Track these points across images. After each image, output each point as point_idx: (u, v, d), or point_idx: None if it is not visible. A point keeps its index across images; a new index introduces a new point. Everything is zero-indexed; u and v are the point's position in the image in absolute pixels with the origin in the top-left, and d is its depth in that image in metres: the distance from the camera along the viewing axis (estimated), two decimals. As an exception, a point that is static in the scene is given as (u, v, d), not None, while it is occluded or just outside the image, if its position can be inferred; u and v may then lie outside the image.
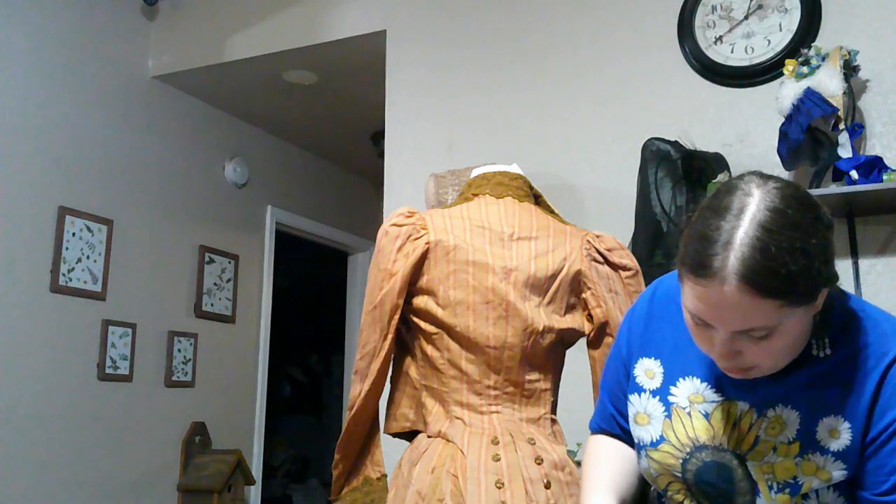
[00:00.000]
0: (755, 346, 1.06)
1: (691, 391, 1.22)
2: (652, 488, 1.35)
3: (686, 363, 1.24)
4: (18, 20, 3.39)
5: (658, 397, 1.26)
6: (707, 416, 1.20)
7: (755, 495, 1.14)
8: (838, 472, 1.12)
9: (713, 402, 1.20)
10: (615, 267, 1.71)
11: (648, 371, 1.29)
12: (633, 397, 1.30)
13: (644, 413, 1.27)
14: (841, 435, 1.11)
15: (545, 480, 1.55)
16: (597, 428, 1.44)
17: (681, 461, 1.21)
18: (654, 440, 1.24)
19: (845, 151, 2.38)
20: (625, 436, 1.38)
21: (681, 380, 1.24)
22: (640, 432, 1.27)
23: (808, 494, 1.13)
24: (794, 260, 1.01)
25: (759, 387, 1.16)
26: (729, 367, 1.12)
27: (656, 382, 1.27)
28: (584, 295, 1.70)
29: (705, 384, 1.22)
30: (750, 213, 1.03)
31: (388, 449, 1.78)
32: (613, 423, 1.39)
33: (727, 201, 1.05)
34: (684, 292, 1.09)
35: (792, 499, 1.12)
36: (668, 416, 1.24)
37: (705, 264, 1.02)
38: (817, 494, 1.13)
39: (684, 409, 1.22)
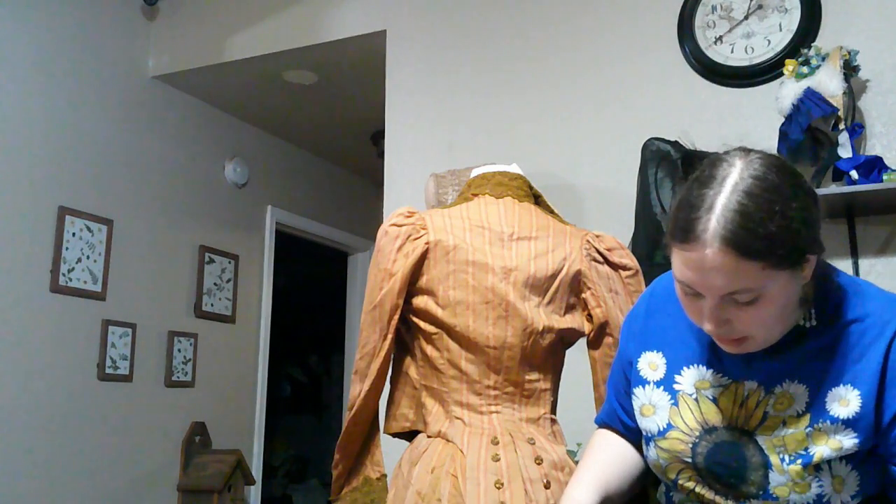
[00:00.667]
0: (743, 312, 1.09)
1: (696, 378, 1.24)
2: (659, 489, 1.35)
3: (689, 352, 1.27)
4: (19, 20, 3.39)
5: (662, 387, 1.28)
6: (715, 399, 1.21)
7: (767, 469, 1.15)
8: (849, 441, 1.12)
9: (720, 385, 1.22)
10: (615, 267, 1.71)
11: (651, 364, 1.31)
12: (637, 390, 1.32)
13: (649, 404, 1.29)
14: (850, 402, 1.12)
15: (545, 480, 1.55)
16: (600, 422, 1.47)
17: (690, 446, 1.22)
18: (662, 429, 1.25)
19: (845, 151, 2.38)
20: (626, 431, 1.40)
21: (685, 368, 1.26)
22: (647, 423, 1.28)
23: (820, 466, 1.13)
24: (773, 221, 1.05)
25: (764, 365, 1.18)
26: (721, 338, 1.15)
27: (660, 373, 1.29)
28: (583, 295, 1.70)
29: (710, 370, 1.23)
30: (732, 180, 1.07)
31: (388, 449, 1.77)
32: (615, 417, 1.42)
33: (712, 172, 1.10)
34: (673, 262, 1.12)
35: (805, 469, 1.13)
36: (675, 404, 1.25)
37: (689, 229, 1.07)
38: (830, 467, 1.13)
39: (691, 395, 1.24)
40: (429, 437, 1.64)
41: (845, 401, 1.13)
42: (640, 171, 2.59)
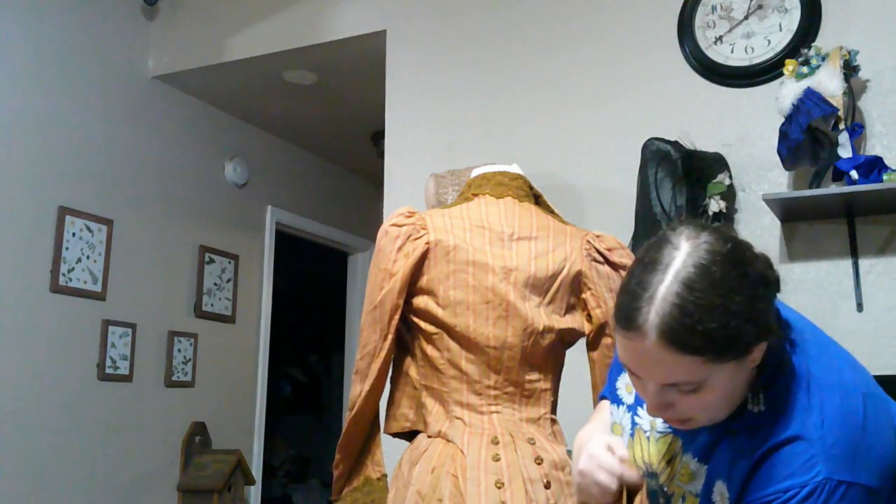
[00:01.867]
0: (685, 398, 1.07)
1: (651, 417, 1.23)
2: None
3: None
4: (18, 20, 3.39)
5: (630, 413, 1.29)
6: (658, 442, 1.23)
7: None
8: None
9: (664, 431, 1.22)
10: (615, 267, 1.71)
11: (628, 386, 1.31)
12: (613, 408, 1.33)
13: (619, 424, 1.31)
14: (723, 497, 1.11)
15: (545, 480, 1.56)
16: (601, 397, 1.47)
17: (642, 474, 1.24)
18: (625, 445, 1.28)
19: (845, 151, 2.38)
20: None
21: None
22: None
23: None
24: (711, 318, 1.01)
25: (698, 431, 1.16)
26: (666, 418, 1.13)
27: (631, 399, 1.30)
28: (584, 295, 1.70)
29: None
30: (675, 268, 1.04)
31: (388, 449, 1.77)
32: (616, 396, 1.44)
33: (656, 255, 1.06)
34: (617, 346, 1.11)
35: None
36: (632, 436, 1.27)
37: (629, 318, 1.04)
38: None
39: (645, 432, 1.25)
40: (429, 437, 1.64)
41: (724, 498, 1.11)
42: (640, 171, 2.59)
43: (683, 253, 1.05)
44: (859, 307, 2.49)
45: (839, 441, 1.05)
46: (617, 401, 1.32)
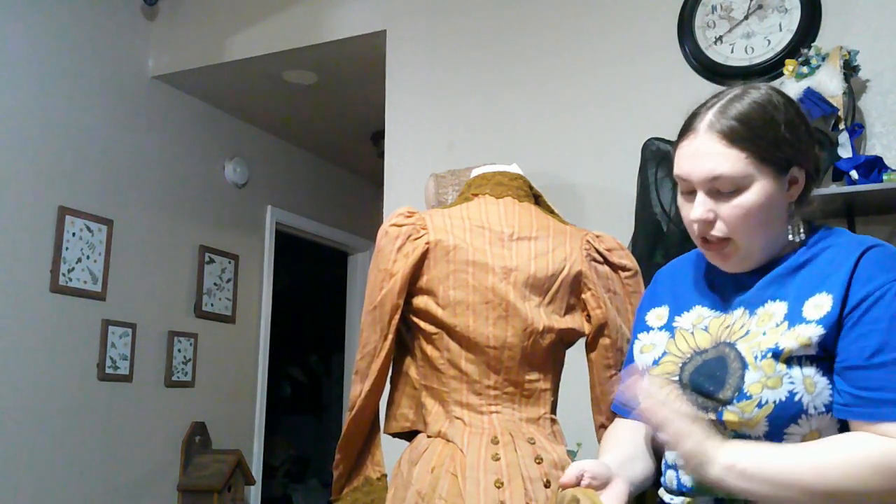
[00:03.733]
0: (726, 206, 1.22)
1: (695, 317, 1.34)
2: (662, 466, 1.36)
3: (689, 300, 1.37)
4: (18, 20, 3.39)
5: (664, 329, 1.38)
6: (706, 328, 1.30)
7: (744, 369, 1.20)
8: (816, 336, 1.17)
9: (712, 317, 1.31)
10: (615, 267, 1.71)
11: (658, 316, 1.41)
12: (641, 335, 1.41)
13: (650, 343, 1.38)
14: (823, 305, 1.19)
15: (545, 480, 1.56)
16: (615, 406, 1.49)
17: (680, 365, 1.29)
18: (657, 358, 1.33)
19: (845, 151, 2.38)
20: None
21: (685, 312, 1.36)
22: (644, 357, 1.37)
23: (790, 362, 1.17)
24: (758, 117, 1.22)
25: (750, 290, 1.28)
26: (707, 245, 1.27)
27: (663, 321, 1.39)
28: (584, 296, 1.70)
29: (706, 308, 1.33)
30: (733, 93, 1.26)
31: (388, 449, 1.77)
32: (646, 326, 1.47)
33: (720, 92, 1.29)
34: (675, 162, 1.27)
35: (776, 363, 1.17)
36: (672, 337, 1.34)
37: (688, 125, 1.26)
38: (800, 364, 1.18)
39: (687, 329, 1.33)
40: (429, 437, 1.64)
41: (819, 305, 1.19)
42: (640, 171, 2.59)
43: (742, 88, 1.27)
44: (859, 307, 2.49)
45: None
46: (645, 328, 1.41)
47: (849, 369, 1.16)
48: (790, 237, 1.26)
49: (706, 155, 1.21)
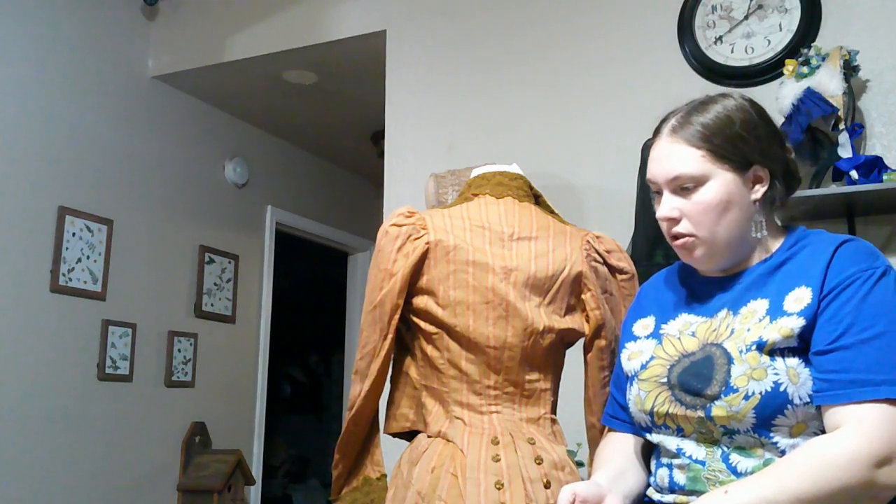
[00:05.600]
0: (689, 203, 1.29)
1: (682, 324, 1.38)
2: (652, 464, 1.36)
3: (675, 309, 1.42)
4: (18, 20, 3.39)
5: (651, 338, 1.42)
6: (694, 334, 1.34)
7: (730, 364, 1.23)
8: (797, 327, 1.21)
9: (699, 323, 1.35)
10: (612, 269, 1.71)
11: (645, 325, 1.46)
12: (628, 344, 1.45)
13: (638, 351, 1.42)
14: (802, 298, 1.23)
15: (545, 480, 1.55)
16: (605, 419, 1.54)
17: (667, 367, 1.33)
18: (644, 363, 1.37)
19: (845, 151, 2.38)
20: (627, 417, 1.45)
21: (671, 320, 1.41)
22: (632, 364, 1.40)
23: (773, 354, 1.21)
24: (714, 116, 1.29)
25: (731, 292, 1.33)
26: (675, 242, 1.33)
27: (650, 329, 1.44)
28: (584, 296, 1.70)
29: (693, 315, 1.38)
30: (707, 97, 1.33)
31: (388, 449, 1.77)
32: (616, 406, 1.50)
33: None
34: (648, 165, 1.35)
35: (760, 355, 1.21)
36: (660, 343, 1.38)
37: (656, 130, 1.35)
38: (783, 356, 1.21)
39: (675, 335, 1.37)
40: (429, 437, 1.64)
41: (799, 298, 1.23)
42: (640, 171, 2.59)
43: (717, 95, 1.34)
44: (859, 307, 2.49)
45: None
46: (633, 338, 1.45)
47: (817, 354, 1.19)
48: (753, 234, 1.31)
49: (668, 156, 1.30)
